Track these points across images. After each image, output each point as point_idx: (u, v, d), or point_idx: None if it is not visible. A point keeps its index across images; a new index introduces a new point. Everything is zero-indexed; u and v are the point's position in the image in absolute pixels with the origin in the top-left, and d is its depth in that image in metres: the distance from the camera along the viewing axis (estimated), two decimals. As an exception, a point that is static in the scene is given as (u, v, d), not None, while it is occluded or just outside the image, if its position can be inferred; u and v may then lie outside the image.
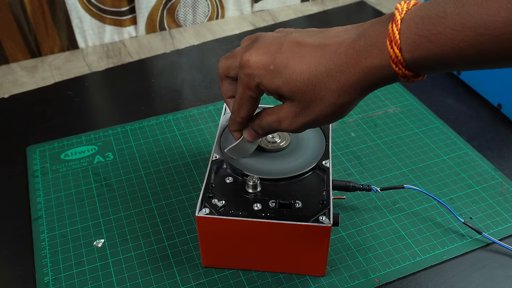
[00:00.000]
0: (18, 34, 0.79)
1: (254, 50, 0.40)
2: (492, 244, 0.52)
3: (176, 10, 0.89)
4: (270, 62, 0.38)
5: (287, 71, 0.38)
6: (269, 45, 0.39)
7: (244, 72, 0.40)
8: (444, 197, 0.57)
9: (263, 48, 0.39)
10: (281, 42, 0.39)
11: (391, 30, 0.32)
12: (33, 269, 0.49)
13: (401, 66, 0.33)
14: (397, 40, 0.32)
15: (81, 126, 0.67)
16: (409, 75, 0.33)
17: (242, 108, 0.43)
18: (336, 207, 0.55)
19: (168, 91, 0.75)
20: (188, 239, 0.52)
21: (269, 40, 0.40)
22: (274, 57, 0.38)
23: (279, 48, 0.39)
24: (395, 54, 0.32)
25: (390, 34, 0.32)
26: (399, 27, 0.32)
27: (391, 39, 0.32)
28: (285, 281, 0.48)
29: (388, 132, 0.66)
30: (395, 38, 0.32)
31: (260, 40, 0.40)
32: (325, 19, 0.94)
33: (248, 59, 0.39)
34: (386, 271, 0.49)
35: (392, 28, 0.32)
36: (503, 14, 0.28)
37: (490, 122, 0.68)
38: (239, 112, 0.43)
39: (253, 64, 0.39)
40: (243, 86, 0.41)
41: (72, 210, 0.55)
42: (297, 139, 0.52)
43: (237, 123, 0.45)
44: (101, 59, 0.83)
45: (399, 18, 0.32)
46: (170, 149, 0.63)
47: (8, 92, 0.74)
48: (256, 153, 0.50)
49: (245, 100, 0.42)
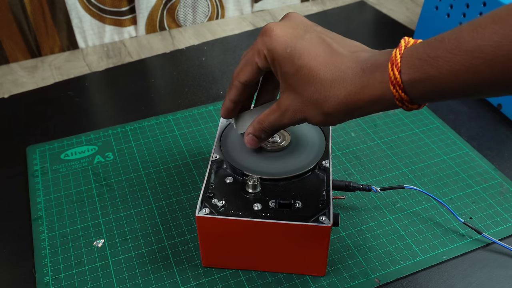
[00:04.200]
0: (18, 34, 0.79)
1: (281, 24, 0.41)
2: (492, 244, 0.52)
3: (176, 10, 0.89)
4: (289, 45, 0.40)
5: (300, 62, 0.39)
6: (296, 26, 0.41)
7: (263, 38, 0.41)
8: (444, 197, 0.57)
9: (290, 27, 0.41)
10: (307, 30, 0.41)
11: (394, 54, 0.35)
12: (33, 269, 0.49)
13: (398, 88, 0.34)
14: (398, 63, 0.34)
15: (81, 126, 0.67)
16: (404, 99, 0.35)
17: (242, 72, 0.44)
18: (336, 207, 0.55)
19: (168, 91, 0.75)
20: (188, 239, 0.52)
21: (298, 21, 0.42)
22: (295, 42, 0.40)
23: (302, 35, 0.40)
24: (394, 75, 0.34)
25: (392, 57, 0.35)
26: (402, 53, 0.34)
27: (392, 62, 0.34)
28: (285, 281, 0.48)
29: (388, 132, 0.66)
30: (396, 61, 0.34)
31: (290, 18, 0.42)
32: (325, 19, 0.94)
33: (272, 28, 0.41)
34: (386, 271, 0.49)
35: (395, 53, 0.35)
36: (496, 39, 0.30)
37: (490, 122, 0.68)
38: (238, 75, 0.44)
39: (274, 36, 0.40)
40: (254, 50, 0.42)
41: (72, 210, 0.55)
42: (297, 139, 0.52)
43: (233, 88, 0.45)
44: (101, 59, 0.83)
45: (403, 46, 0.35)
46: (170, 149, 0.63)
47: (8, 92, 0.74)
48: (256, 153, 0.50)
49: (249, 64, 0.43)
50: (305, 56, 0.39)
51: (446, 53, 0.32)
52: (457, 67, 0.32)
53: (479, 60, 0.31)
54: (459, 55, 0.31)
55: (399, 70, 0.34)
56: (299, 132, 0.52)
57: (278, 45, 0.40)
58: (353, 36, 0.42)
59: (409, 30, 0.89)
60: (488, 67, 0.31)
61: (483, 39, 0.30)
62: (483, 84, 0.32)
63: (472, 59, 0.31)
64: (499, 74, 0.31)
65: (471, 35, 0.31)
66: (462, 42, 0.31)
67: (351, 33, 0.87)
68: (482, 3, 0.69)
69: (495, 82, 0.31)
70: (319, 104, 0.39)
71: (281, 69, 0.40)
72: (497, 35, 0.30)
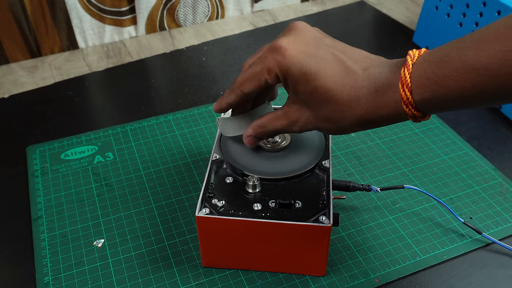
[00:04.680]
0: (18, 34, 0.79)
1: (292, 40, 0.40)
2: (492, 244, 0.52)
3: (176, 10, 0.89)
4: (304, 66, 0.39)
5: (315, 83, 0.39)
6: (307, 42, 0.40)
7: (274, 57, 0.40)
8: (444, 197, 0.57)
9: (302, 44, 0.40)
10: (319, 46, 0.40)
11: (403, 74, 0.35)
12: (33, 269, 0.49)
13: (411, 107, 0.35)
14: (408, 83, 0.35)
15: (81, 126, 0.67)
16: (417, 115, 0.36)
17: (247, 83, 0.42)
18: (336, 207, 0.55)
19: (168, 91, 0.75)
20: (188, 239, 0.52)
21: (307, 36, 0.40)
22: (309, 62, 0.39)
23: (315, 53, 0.39)
24: (406, 96, 0.35)
25: (402, 78, 0.35)
26: (410, 71, 0.35)
27: (403, 82, 0.35)
28: (285, 281, 0.48)
29: (388, 132, 0.66)
30: (406, 82, 0.35)
31: (299, 32, 0.41)
32: (325, 19, 0.94)
33: (284, 46, 0.39)
34: (386, 271, 0.49)
35: (404, 72, 0.35)
36: (500, 56, 0.31)
37: (490, 122, 0.68)
38: (242, 85, 0.43)
39: (288, 56, 0.39)
40: (263, 67, 0.41)
41: (72, 210, 0.55)
42: (297, 139, 0.52)
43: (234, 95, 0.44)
44: (101, 59, 0.83)
45: (410, 64, 0.35)
46: (170, 149, 0.63)
47: (8, 92, 0.74)
48: (256, 153, 0.50)
49: (256, 79, 0.42)
50: (321, 77, 0.38)
51: (452, 72, 0.33)
52: (463, 85, 0.33)
53: (485, 77, 0.31)
54: (465, 73, 0.32)
55: (410, 90, 0.35)
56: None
57: (293, 65, 0.39)
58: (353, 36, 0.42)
59: (409, 30, 0.89)
60: (494, 83, 0.31)
61: (487, 57, 0.31)
62: (491, 98, 0.33)
63: (477, 76, 0.32)
64: (505, 88, 0.31)
65: (474, 53, 0.32)
66: (466, 61, 0.32)
67: (351, 33, 0.87)
68: (482, 3, 0.69)
69: (502, 95, 0.32)
70: (334, 121, 0.40)
71: (295, 88, 0.40)
72: (501, 53, 0.31)
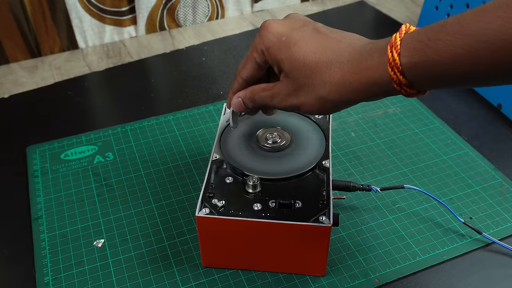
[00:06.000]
0: (18, 34, 0.79)
1: (280, 20, 0.43)
2: (492, 244, 0.52)
3: (176, 10, 0.89)
4: (285, 34, 0.40)
5: (295, 48, 0.39)
6: (293, 21, 0.42)
7: (260, 33, 0.42)
8: (444, 197, 0.57)
9: (287, 22, 0.42)
10: (305, 24, 0.41)
11: (394, 38, 0.34)
12: (33, 269, 0.49)
13: (396, 71, 0.34)
14: (397, 45, 0.34)
15: (81, 126, 0.67)
16: (403, 82, 0.34)
17: (244, 68, 0.45)
18: (336, 207, 0.55)
19: (168, 91, 0.75)
20: (188, 239, 0.52)
21: (296, 17, 0.43)
22: (291, 32, 0.40)
23: (299, 27, 0.41)
24: (393, 57, 0.33)
25: (392, 41, 0.34)
26: (402, 36, 0.34)
27: (392, 44, 0.34)
28: (285, 281, 0.48)
29: (388, 132, 0.66)
30: (395, 44, 0.34)
31: (290, 16, 0.43)
32: (325, 19, 0.94)
33: (270, 23, 0.42)
34: (386, 271, 0.49)
35: (395, 36, 0.34)
36: (499, 22, 0.29)
37: (490, 122, 0.68)
38: (241, 71, 0.45)
39: (270, 29, 0.41)
40: (252, 46, 0.43)
41: (72, 210, 0.55)
42: (297, 139, 0.52)
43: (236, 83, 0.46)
44: (101, 59, 0.83)
45: (404, 30, 0.35)
46: (170, 149, 0.63)
47: (8, 92, 0.74)
48: (256, 153, 0.50)
49: (249, 61, 0.44)
50: (301, 43, 0.39)
51: (447, 36, 0.31)
52: (458, 51, 0.31)
53: (481, 44, 0.30)
54: (460, 38, 0.31)
55: (398, 52, 0.33)
56: (299, 132, 0.52)
57: (274, 35, 0.41)
58: (353, 36, 0.42)
59: (409, 30, 0.89)
60: (490, 52, 0.30)
61: (486, 22, 0.30)
62: (483, 70, 0.31)
63: (474, 42, 0.30)
64: (500, 59, 0.30)
65: (473, 18, 0.30)
66: (464, 25, 0.31)
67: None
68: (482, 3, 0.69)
69: (495, 68, 0.30)
70: (314, 87, 0.38)
71: (277, 57, 0.40)
72: (501, 19, 0.29)
